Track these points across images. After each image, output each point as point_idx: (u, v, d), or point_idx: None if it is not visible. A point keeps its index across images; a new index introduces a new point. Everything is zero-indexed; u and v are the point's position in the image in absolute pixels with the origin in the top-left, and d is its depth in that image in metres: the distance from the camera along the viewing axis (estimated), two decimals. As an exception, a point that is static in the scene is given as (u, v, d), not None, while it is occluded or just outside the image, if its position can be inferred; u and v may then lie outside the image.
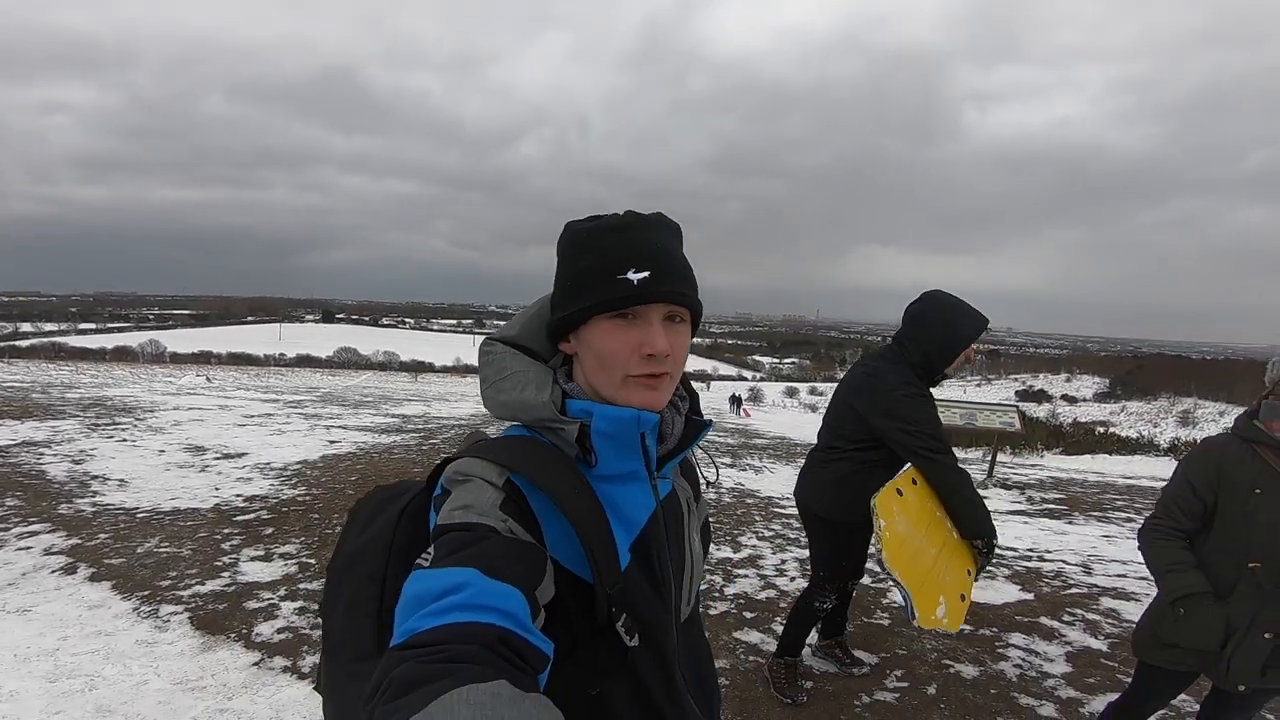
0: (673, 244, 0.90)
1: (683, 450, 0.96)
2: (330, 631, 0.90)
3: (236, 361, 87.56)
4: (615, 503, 0.89)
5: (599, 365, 0.87)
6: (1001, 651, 3.27)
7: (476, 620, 0.65)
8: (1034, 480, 9.68)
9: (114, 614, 3.51)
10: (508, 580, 0.70)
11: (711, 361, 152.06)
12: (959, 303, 2.53)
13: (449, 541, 0.74)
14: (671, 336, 0.87)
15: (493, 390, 0.93)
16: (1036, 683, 2.97)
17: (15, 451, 8.01)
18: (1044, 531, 6.02)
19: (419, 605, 0.66)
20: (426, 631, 0.63)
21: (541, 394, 0.88)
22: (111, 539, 4.74)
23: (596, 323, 0.86)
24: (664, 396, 0.89)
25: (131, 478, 6.82)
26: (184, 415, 12.20)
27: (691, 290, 0.89)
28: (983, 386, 73.08)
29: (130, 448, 8.60)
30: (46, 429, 9.71)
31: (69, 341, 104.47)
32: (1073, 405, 39.53)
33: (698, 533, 1.06)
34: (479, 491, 0.80)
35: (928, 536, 2.43)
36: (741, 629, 3.49)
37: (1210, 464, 1.99)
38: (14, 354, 70.72)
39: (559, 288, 0.91)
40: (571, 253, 0.90)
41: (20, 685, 2.78)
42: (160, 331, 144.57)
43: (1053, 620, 3.67)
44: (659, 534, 0.93)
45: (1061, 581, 4.40)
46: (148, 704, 2.67)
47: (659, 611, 0.90)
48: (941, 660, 3.15)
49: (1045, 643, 3.38)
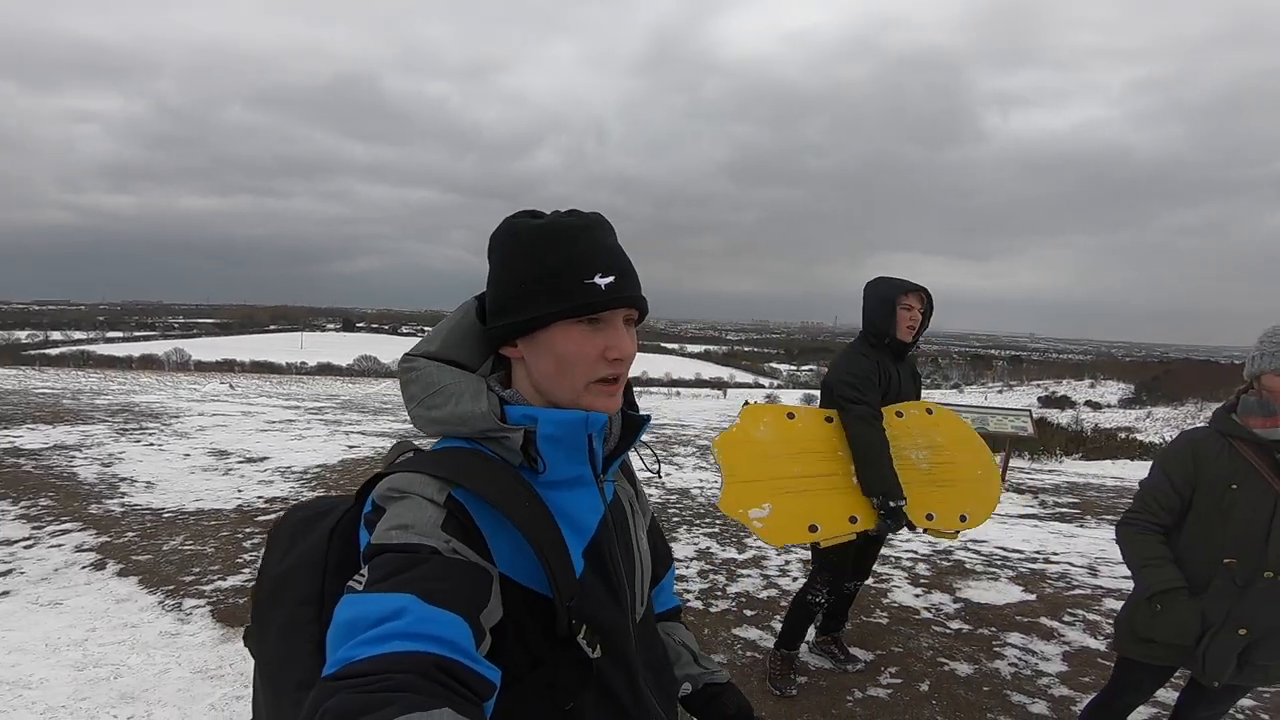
0: (621, 246, 0.89)
1: (625, 449, 0.95)
2: (265, 660, 0.85)
3: (259, 369, 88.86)
4: (565, 509, 0.86)
5: (559, 370, 0.85)
6: (998, 650, 3.32)
7: (416, 649, 0.62)
8: (1049, 485, 9.62)
9: (140, 607, 3.68)
10: (449, 606, 0.67)
11: (728, 369, 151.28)
12: (885, 277, 2.91)
13: (385, 563, 0.70)
14: (629, 339, 0.87)
15: (422, 408, 0.87)
16: (1030, 681, 3.03)
17: (48, 454, 8.29)
18: (1053, 535, 6.02)
19: (353, 632, 0.63)
20: (362, 661, 0.60)
21: (478, 404, 0.84)
22: (139, 537, 4.93)
23: (560, 327, 0.84)
24: (620, 400, 0.89)
25: (158, 480, 7.05)
26: (208, 421, 12.50)
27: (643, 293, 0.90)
28: (1004, 393, 72.14)
29: (157, 451, 8.87)
30: (77, 433, 10.03)
31: (97, 350, 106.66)
32: (1097, 411, 38.97)
33: (645, 531, 1.04)
34: (418, 509, 0.76)
35: (800, 459, 2.72)
36: (741, 626, 3.58)
37: (1187, 458, 2.00)
38: (45, 362, 72.51)
39: (507, 290, 0.87)
40: (522, 254, 0.86)
41: (50, 673, 2.94)
42: (185, 340, 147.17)
43: (1053, 620, 3.71)
44: (609, 537, 0.91)
45: (1065, 583, 4.43)
46: (168, 691, 2.82)
47: (617, 616, 0.89)
48: (937, 658, 3.21)
49: (1043, 642, 3.43)
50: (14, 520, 5.31)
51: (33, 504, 5.80)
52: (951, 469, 2.91)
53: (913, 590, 4.16)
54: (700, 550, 5.05)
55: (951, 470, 2.91)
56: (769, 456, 2.69)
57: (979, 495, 2.92)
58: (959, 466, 2.93)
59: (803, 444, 2.77)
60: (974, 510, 2.87)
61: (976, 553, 5.12)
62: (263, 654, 0.85)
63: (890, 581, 4.32)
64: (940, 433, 2.97)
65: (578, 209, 0.89)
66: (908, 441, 2.88)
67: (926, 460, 2.88)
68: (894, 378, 2.91)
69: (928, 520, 2.77)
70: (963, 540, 5.56)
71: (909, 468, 2.82)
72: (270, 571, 0.87)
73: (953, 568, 4.66)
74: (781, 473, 2.67)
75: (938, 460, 2.91)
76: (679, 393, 57.34)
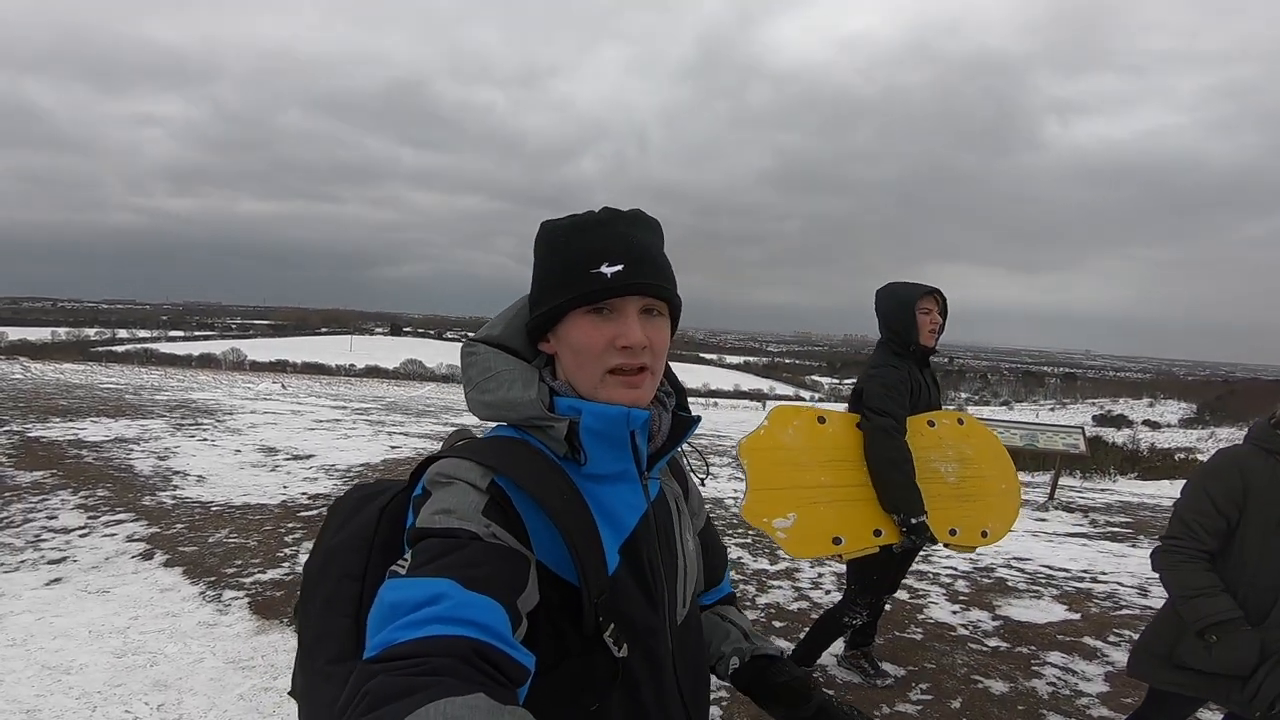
0: (649, 239, 0.89)
1: (672, 448, 0.94)
2: (305, 632, 0.87)
3: (310, 370, 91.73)
4: (604, 504, 0.86)
5: (576, 361, 0.86)
6: (1036, 669, 3.20)
7: (454, 633, 0.63)
8: (1100, 504, 9.26)
9: (182, 597, 3.81)
10: (487, 592, 0.68)
11: (768, 381, 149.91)
12: (906, 282, 2.87)
13: (428, 548, 0.72)
14: (649, 329, 0.86)
15: (476, 391, 0.90)
16: (1069, 701, 2.91)
17: (108, 447, 8.67)
18: (1102, 554, 5.79)
19: (394, 615, 0.65)
20: (402, 644, 0.61)
21: (528, 391, 0.86)
22: (187, 529, 5.11)
23: (573, 318, 0.85)
24: (646, 394, 0.87)
25: (209, 474, 7.31)
26: (259, 419, 12.91)
27: (668, 284, 0.88)
28: (1056, 410, 69.89)
29: (210, 447, 9.19)
30: (137, 427, 10.46)
31: (160, 348, 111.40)
32: (1155, 431, 37.39)
33: (691, 533, 1.02)
34: (462, 495, 0.78)
35: (829, 468, 2.64)
36: (769, 637, 3.52)
37: (1233, 478, 1.88)
38: (112, 358, 76.35)
39: (536, 286, 0.91)
40: (547, 250, 0.89)
41: (90, 659, 3.06)
42: (241, 340, 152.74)
43: (1097, 640, 3.56)
44: (649, 536, 0.90)
45: (1113, 603, 4.25)
46: (201, 680, 2.91)
47: (650, 615, 0.88)
48: (971, 675, 3.11)
49: (1085, 662, 3.29)
50: (72, 509, 5.56)
51: (91, 494, 6.07)
52: (978, 483, 2.85)
53: (950, 607, 4.04)
54: (731, 560, 4.99)
55: (978, 484, 2.85)
56: (796, 464, 2.62)
57: (1001, 510, 2.86)
58: (986, 481, 2.87)
59: (833, 451, 2.71)
60: (995, 526, 2.82)
61: (1020, 570, 4.96)
62: (305, 625, 0.88)
63: (927, 597, 4.20)
64: (970, 445, 2.90)
65: (615, 206, 0.90)
66: (938, 454, 2.81)
67: (955, 474, 2.81)
68: (924, 387, 2.85)
69: (951, 535, 2.70)
70: (1006, 557, 5.38)
71: (937, 480, 2.75)
72: (323, 545, 0.90)
73: (994, 585, 4.52)
74: (809, 481, 2.61)
75: (966, 474, 2.84)
76: (716, 403, 57.11)
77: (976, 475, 2.85)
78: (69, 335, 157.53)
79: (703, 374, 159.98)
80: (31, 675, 2.88)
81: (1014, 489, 2.92)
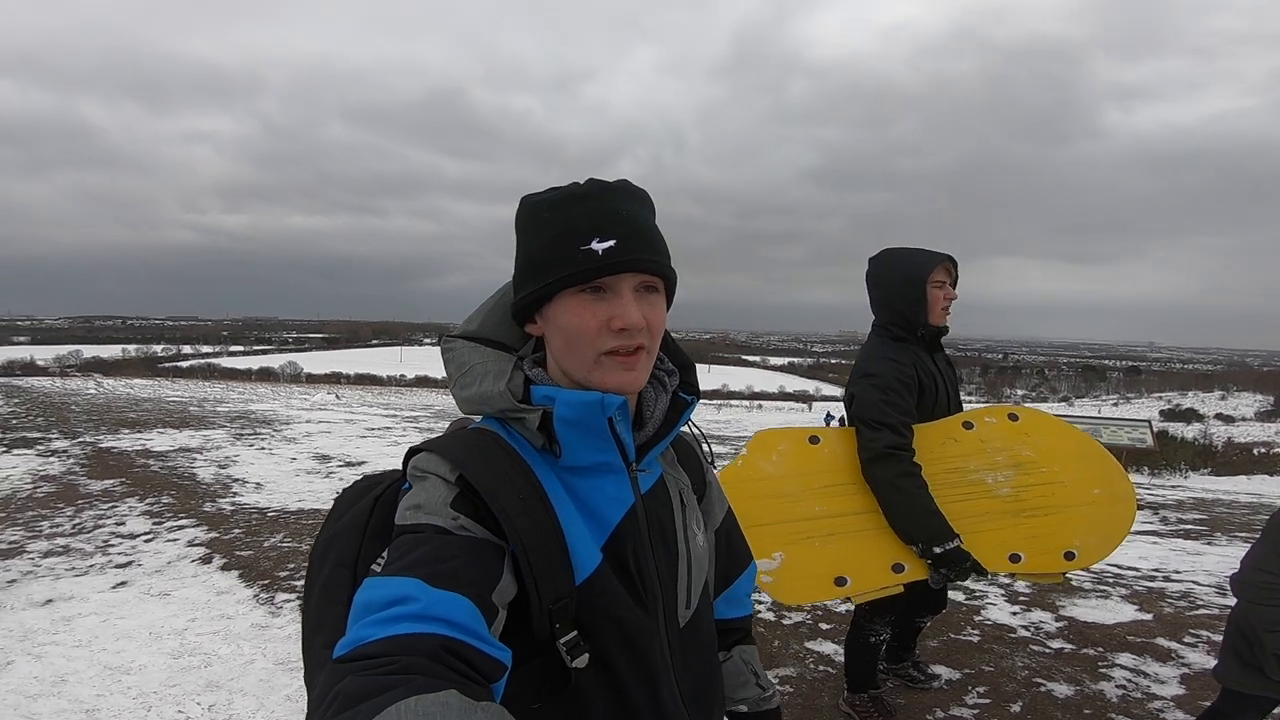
0: (641, 211, 0.83)
1: (666, 436, 0.88)
2: (306, 618, 0.87)
3: (362, 382, 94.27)
4: (585, 498, 0.82)
5: (567, 345, 0.81)
6: (1104, 671, 3.03)
7: (424, 631, 0.62)
8: (1172, 501, 8.82)
9: (237, 600, 3.92)
10: (454, 588, 0.67)
11: (814, 382, 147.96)
12: (910, 248, 2.42)
13: (399, 545, 0.72)
14: (645, 307, 0.80)
15: (457, 388, 0.88)
16: (1140, 705, 2.74)
17: (173, 456, 9.05)
18: (1175, 552, 5.50)
19: (365, 614, 0.64)
20: (372, 643, 0.61)
21: (498, 384, 0.83)
22: (244, 534, 5.27)
23: (563, 298, 0.80)
24: (642, 375, 0.82)
25: (266, 481, 7.55)
26: (314, 428, 13.33)
27: (664, 258, 0.82)
28: (1119, 406, 67.10)
29: (267, 455, 9.51)
30: (200, 438, 10.92)
31: (221, 362, 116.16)
32: (1228, 425, 35.50)
33: (700, 527, 0.96)
34: (432, 489, 0.76)
35: (825, 495, 2.29)
36: (815, 639, 3.42)
37: None
38: (177, 373, 79.93)
39: (518, 264, 0.86)
40: (531, 227, 0.83)
41: (149, 660, 3.15)
42: (297, 354, 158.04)
43: (1171, 641, 3.36)
44: (637, 532, 0.84)
45: (1188, 602, 4.01)
46: (250, 681, 2.96)
47: (639, 616, 0.83)
48: (1033, 678, 2.96)
49: (1158, 664, 3.10)
50: (139, 516, 5.81)
51: (156, 501, 6.34)
52: (1049, 491, 2.30)
53: (1010, 608, 3.87)
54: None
55: (1050, 493, 2.29)
56: (781, 495, 2.27)
57: (1097, 522, 2.25)
58: (1063, 488, 2.30)
59: (830, 475, 2.32)
60: (1089, 542, 2.22)
61: (1086, 570, 4.73)
62: (306, 611, 0.87)
63: (985, 599, 4.04)
64: (1032, 445, 2.37)
65: (599, 177, 0.85)
66: (981, 461, 2.33)
67: (1010, 483, 2.31)
68: (936, 376, 2.39)
69: (1012, 562, 2.21)
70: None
71: (982, 495, 2.28)
72: (324, 533, 0.89)
73: (1056, 585, 4.31)
74: (799, 514, 2.25)
75: (1028, 482, 2.31)
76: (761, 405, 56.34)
77: (1045, 482, 2.31)
78: (138, 352, 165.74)
79: (746, 376, 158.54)
80: (94, 675, 2.99)
81: (1116, 492, 2.29)
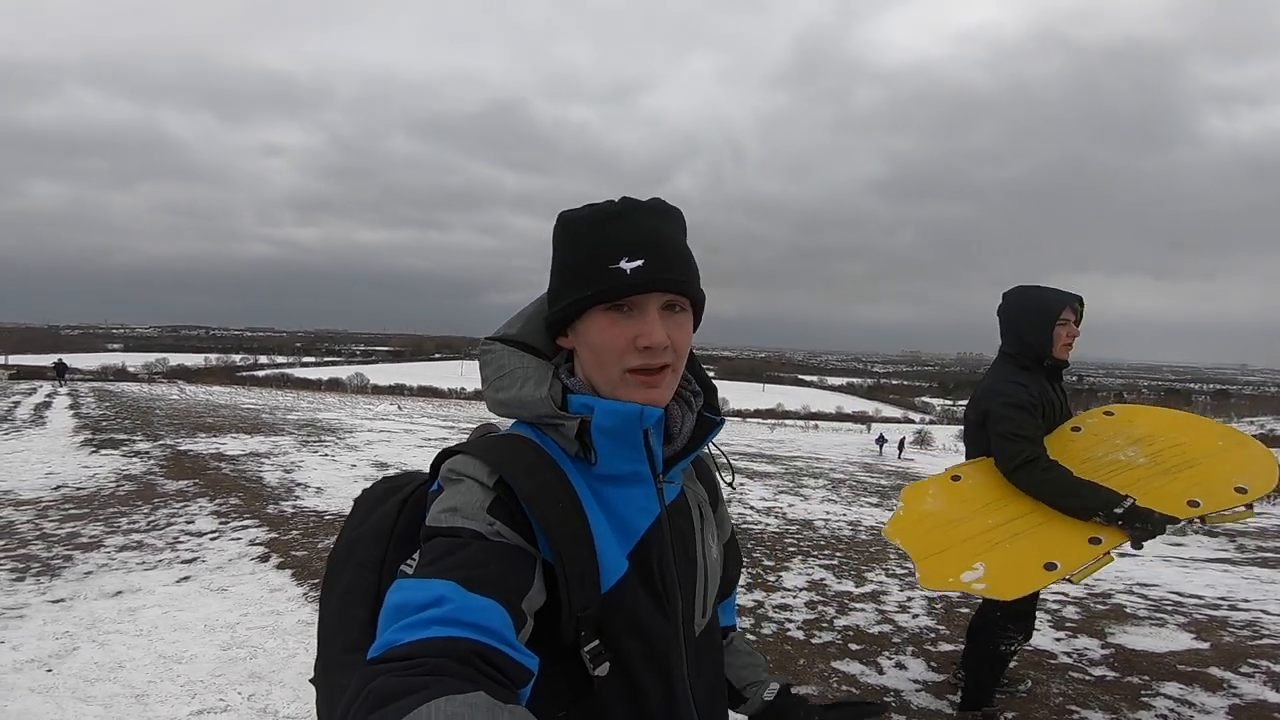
0: (671, 230, 0.86)
1: (692, 451, 0.91)
2: (324, 620, 0.87)
3: (425, 394, 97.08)
4: (614, 506, 0.84)
5: (595, 360, 0.84)
6: (1146, 700, 2.89)
7: (455, 635, 0.64)
8: (1251, 528, 8.29)
9: (288, 597, 4.13)
10: (489, 593, 0.68)
11: (873, 403, 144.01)
12: (1042, 287, 2.59)
13: (433, 548, 0.73)
14: (671, 327, 0.83)
15: (491, 390, 0.90)
16: (1181, 741, 2.61)
17: (244, 460, 9.55)
18: (1247, 580, 5.19)
19: (398, 617, 0.66)
20: (404, 645, 0.62)
21: (539, 389, 0.85)
22: (301, 535, 5.54)
23: (592, 315, 0.83)
24: (666, 393, 0.84)
25: (326, 486, 7.89)
26: (375, 437, 13.84)
27: (691, 278, 0.85)
28: (1206, 432, 63.03)
29: (330, 462, 9.93)
30: (269, 443, 11.49)
31: (294, 373, 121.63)
32: (1328, 456, 32.82)
33: (715, 540, 0.98)
34: (468, 493, 0.77)
35: (990, 509, 2.44)
36: (843, 659, 3.38)
37: None
38: (254, 382, 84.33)
39: (554, 280, 0.88)
40: (565, 243, 0.87)
41: (201, 650, 3.36)
42: (364, 366, 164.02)
43: (1225, 671, 3.17)
44: (662, 541, 0.87)
45: (1252, 631, 3.77)
46: (290, 673, 3.13)
47: (661, 623, 0.85)
48: (1066, 705, 2.86)
49: (1207, 694, 2.94)
50: (208, 515, 6.17)
51: (224, 502, 6.71)
52: (1180, 451, 2.36)
53: (1054, 634, 3.73)
54: (813, 581, 4.86)
55: (1182, 452, 2.35)
56: (949, 523, 2.43)
57: (1241, 461, 2.27)
58: (1190, 446, 2.37)
59: (985, 496, 2.47)
60: (1251, 478, 2.19)
61: (1143, 597, 4.52)
62: (324, 613, 0.88)
63: (1028, 626, 3.90)
64: (1139, 427, 2.52)
65: (632, 196, 0.88)
66: (1106, 448, 2.44)
67: (1142, 454, 2.38)
68: (1055, 404, 2.55)
69: (1192, 508, 2.16)
70: (1128, 583, 4.92)
71: (1124, 470, 2.34)
72: (345, 536, 0.90)
73: (1108, 611, 4.13)
74: (975, 530, 2.37)
75: (1156, 449, 2.39)
76: (817, 426, 55.27)
77: (1171, 445, 2.38)
78: (219, 360, 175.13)
79: (802, 396, 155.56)
80: (149, 663, 3.20)
81: (1235, 439, 2.37)
